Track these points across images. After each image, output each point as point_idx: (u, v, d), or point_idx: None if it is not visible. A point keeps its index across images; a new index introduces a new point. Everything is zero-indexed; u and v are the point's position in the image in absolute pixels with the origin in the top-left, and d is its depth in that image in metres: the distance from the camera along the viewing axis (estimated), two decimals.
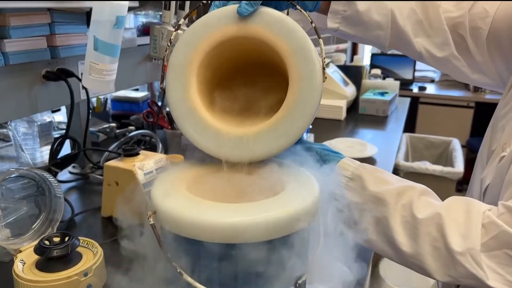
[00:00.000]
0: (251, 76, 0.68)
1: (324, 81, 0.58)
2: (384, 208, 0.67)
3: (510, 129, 0.75)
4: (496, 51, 0.83)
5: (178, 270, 0.48)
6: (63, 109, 1.88)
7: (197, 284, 0.47)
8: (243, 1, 0.60)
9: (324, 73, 0.59)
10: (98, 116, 1.65)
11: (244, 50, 0.63)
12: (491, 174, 0.77)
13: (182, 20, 0.70)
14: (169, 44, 0.65)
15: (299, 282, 0.52)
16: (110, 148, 1.30)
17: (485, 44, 0.83)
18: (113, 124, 1.58)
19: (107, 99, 1.73)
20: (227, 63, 0.66)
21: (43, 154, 1.33)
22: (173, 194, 0.52)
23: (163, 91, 0.62)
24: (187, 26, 1.24)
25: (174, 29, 0.70)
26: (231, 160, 0.59)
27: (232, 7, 0.61)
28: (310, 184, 0.55)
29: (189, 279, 0.48)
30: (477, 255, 0.61)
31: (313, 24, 0.66)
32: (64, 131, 1.56)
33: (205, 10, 1.70)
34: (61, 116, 1.79)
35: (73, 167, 1.26)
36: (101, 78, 0.86)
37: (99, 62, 0.85)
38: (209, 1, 0.67)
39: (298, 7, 0.67)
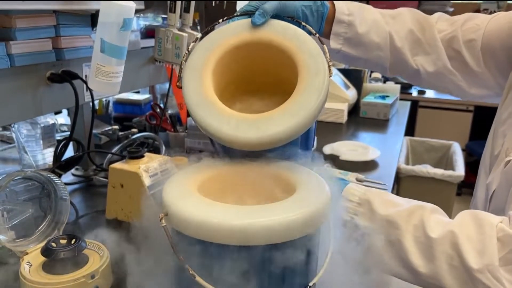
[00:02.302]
0: (259, 87, 0.71)
1: (330, 76, 0.63)
2: (397, 230, 0.67)
3: (510, 132, 0.76)
4: (491, 61, 0.86)
5: (191, 272, 0.48)
6: (65, 111, 1.89)
7: (210, 287, 0.47)
8: (257, 13, 0.68)
9: (330, 69, 0.63)
10: (100, 118, 1.64)
11: (253, 60, 0.67)
12: (497, 179, 0.77)
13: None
14: (186, 50, 0.69)
15: (310, 285, 0.52)
16: (113, 151, 1.30)
17: (480, 54, 0.86)
18: (116, 127, 1.58)
19: (109, 101, 1.73)
20: (238, 70, 0.68)
21: (46, 156, 1.33)
22: (185, 196, 0.52)
23: (179, 88, 0.65)
24: (192, 29, 1.24)
25: (179, 32, 0.75)
26: (244, 142, 0.58)
27: (246, 20, 0.69)
28: (321, 187, 0.55)
29: (202, 281, 0.48)
30: (495, 271, 0.60)
31: (317, 35, 0.72)
32: (66, 133, 1.56)
33: (207, 13, 1.70)
34: (62, 119, 1.79)
35: (76, 169, 1.26)
36: (108, 80, 0.86)
37: (105, 64, 0.85)
38: (225, 19, 0.74)
39: (303, 23, 0.73)
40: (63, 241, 0.73)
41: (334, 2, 0.88)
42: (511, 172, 0.73)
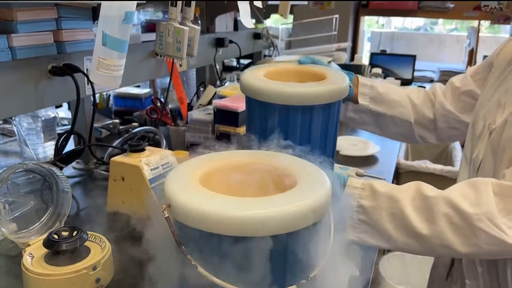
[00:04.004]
0: None
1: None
2: (397, 203, 0.72)
3: (491, 112, 0.84)
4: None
5: (193, 263, 0.48)
6: (65, 105, 1.89)
7: (212, 277, 0.48)
8: (302, 58, 1.00)
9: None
10: (100, 112, 1.65)
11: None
12: (482, 151, 0.83)
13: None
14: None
15: (311, 276, 0.52)
16: (114, 144, 1.30)
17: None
18: (117, 121, 1.59)
19: (110, 95, 1.74)
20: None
21: (46, 149, 1.33)
22: (187, 188, 0.52)
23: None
24: (193, 23, 1.24)
25: (180, 26, 0.73)
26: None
27: (294, 61, 1.02)
28: (322, 179, 0.55)
29: (204, 272, 0.48)
30: (494, 218, 0.65)
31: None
32: (66, 127, 1.57)
33: (208, 7, 1.70)
34: (62, 112, 1.79)
35: (77, 162, 1.26)
36: (109, 74, 0.86)
37: (107, 57, 0.85)
38: None
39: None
40: (65, 233, 0.73)
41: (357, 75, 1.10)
42: (497, 138, 0.78)
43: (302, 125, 0.83)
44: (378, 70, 2.47)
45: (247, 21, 1.46)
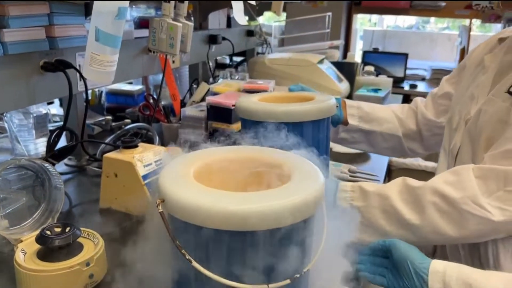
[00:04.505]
0: None
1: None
2: (387, 200, 0.78)
3: (465, 105, 0.91)
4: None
5: (188, 258, 0.48)
6: (56, 102, 1.87)
7: (206, 272, 0.48)
8: (292, 85, 1.12)
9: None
10: (92, 109, 1.64)
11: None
12: (459, 140, 0.90)
13: None
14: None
15: (304, 270, 0.53)
16: (107, 141, 1.29)
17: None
18: (109, 117, 1.58)
19: (102, 92, 1.73)
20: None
21: (38, 146, 1.32)
22: (182, 182, 0.52)
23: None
24: (186, 19, 1.24)
25: (173, 22, 0.72)
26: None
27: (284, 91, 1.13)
28: (316, 175, 0.55)
29: (198, 266, 0.48)
30: (479, 200, 0.70)
31: None
32: (58, 124, 1.55)
33: (201, 4, 1.69)
34: (54, 109, 1.78)
35: (69, 159, 1.25)
36: (102, 69, 0.86)
37: (100, 52, 0.84)
38: None
39: None
40: (58, 229, 0.73)
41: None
42: (473, 126, 0.85)
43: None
44: (370, 68, 2.48)
45: (241, 17, 1.46)
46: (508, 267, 0.76)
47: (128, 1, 0.84)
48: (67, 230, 0.73)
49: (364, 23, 4.53)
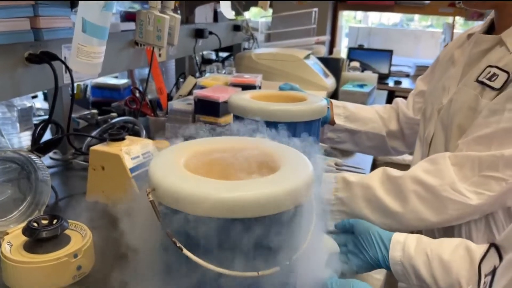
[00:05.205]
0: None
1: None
2: (369, 189, 0.82)
3: (437, 96, 0.97)
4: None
5: (178, 245, 0.49)
6: (40, 95, 1.85)
7: (196, 259, 0.48)
8: (282, 84, 1.14)
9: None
10: (77, 103, 1.61)
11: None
12: (433, 128, 0.95)
13: None
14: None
15: (294, 257, 0.54)
16: (93, 134, 1.28)
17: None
18: (95, 111, 1.56)
19: (87, 86, 1.71)
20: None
21: (22, 139, 1.30)
22: (172, 171, 0.52)
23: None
24: (174, 12, 1.24)
25: (161, 14, 0.72)
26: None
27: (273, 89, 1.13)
28: (305, 165, 0.56)
29: (189, 254, 0.49)
30: (457, 186, 0.76)
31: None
32: (42, 117, 1.53)
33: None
34: (38, 103, 1.75)
35: (54, 153, 1.24)
36: (89, 61, 0.85)
37: (87, 44, 0.84)
38: None
39: None
40: (45, 221, 0.72)
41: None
42: (445, 114, 0.91)
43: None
44: (356, 64, 2.50)
45: (228, 12, 1.47)
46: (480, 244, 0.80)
47: None
48: (54, 222, 0.72)
49: (349, 20, 4.56)
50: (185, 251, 0.49)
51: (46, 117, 1.09)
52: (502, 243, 0.51)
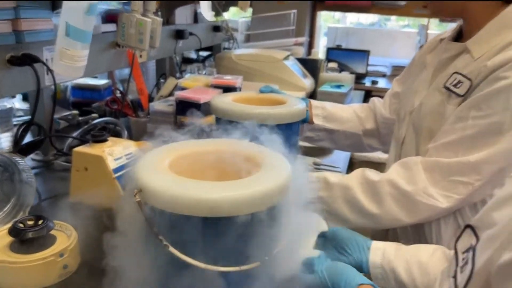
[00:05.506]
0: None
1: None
2: (348, 190, 0.89)
3: (409, 99, 1.01)
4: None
5: (164, 243, 0.51)
6: (18, 95, 1.83)
7: (182, 256, 0.51)
8: (262, 87, 1.16)
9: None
10: (57, 103, 1.60)
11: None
12: (405, 129, 1.01)
13: None
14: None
15: (275, 252, 0.57)
16: (74, 135, 1.29)
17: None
18: (76, 112, 1.57)
19: (67, 86, 1.71)
20: None
21: (2, 140, 1.30)
22: (158, 173, 0.55)
23: None
24: (155, 15, 1.25)
25: (143, 17, 0.74)
26: None
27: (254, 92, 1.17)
28: (284, 166, 0.60)
29: (175, 251, 0.51)
30: (429, 191, 0.83)
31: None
32: (21, 118, 1.53)
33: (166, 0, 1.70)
34: (17, 103, 1.74)
35: (36, 154, 1.24)
36: (72, 64, 0.87)
37: (70, 48, 0.85)
38: None
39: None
40: (31, 222, 0.74)
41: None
42: (416, 117, 0.96)
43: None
44: (334, 65, 2.55)
45: (207, 13, 1.49)
46: (447, 237, 0.88)
47: None
48: (39, 222, 0.74)
49: (328, 19, 4.62)
50: (171, 248, 0.51)
51: (26, 117, 1.10)
52: (476, 223, 0.55)
